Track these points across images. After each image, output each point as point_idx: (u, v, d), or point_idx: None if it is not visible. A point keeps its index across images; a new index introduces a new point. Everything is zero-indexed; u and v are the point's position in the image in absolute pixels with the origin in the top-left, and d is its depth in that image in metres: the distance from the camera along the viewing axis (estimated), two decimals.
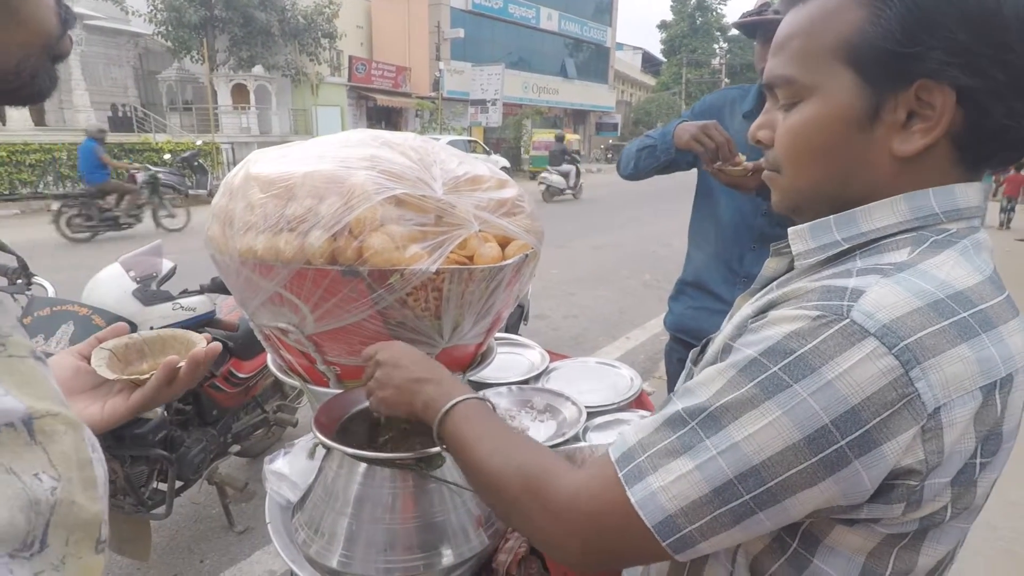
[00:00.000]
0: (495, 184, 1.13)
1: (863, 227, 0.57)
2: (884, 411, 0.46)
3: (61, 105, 17.49)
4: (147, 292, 1.95)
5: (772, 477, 0.48)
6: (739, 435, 0.49)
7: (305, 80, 19.99)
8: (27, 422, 0.30)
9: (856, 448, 0.47)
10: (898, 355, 0.46)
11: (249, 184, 0.98)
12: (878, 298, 0.49)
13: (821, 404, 0.47)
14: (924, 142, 0.53)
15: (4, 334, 0.33)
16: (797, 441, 0.47)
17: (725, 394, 0.51)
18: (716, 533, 0.50)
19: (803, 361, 0.48)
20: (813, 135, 0.58)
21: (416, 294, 0.97)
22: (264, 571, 2.24)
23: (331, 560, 0.87)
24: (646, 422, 0.56)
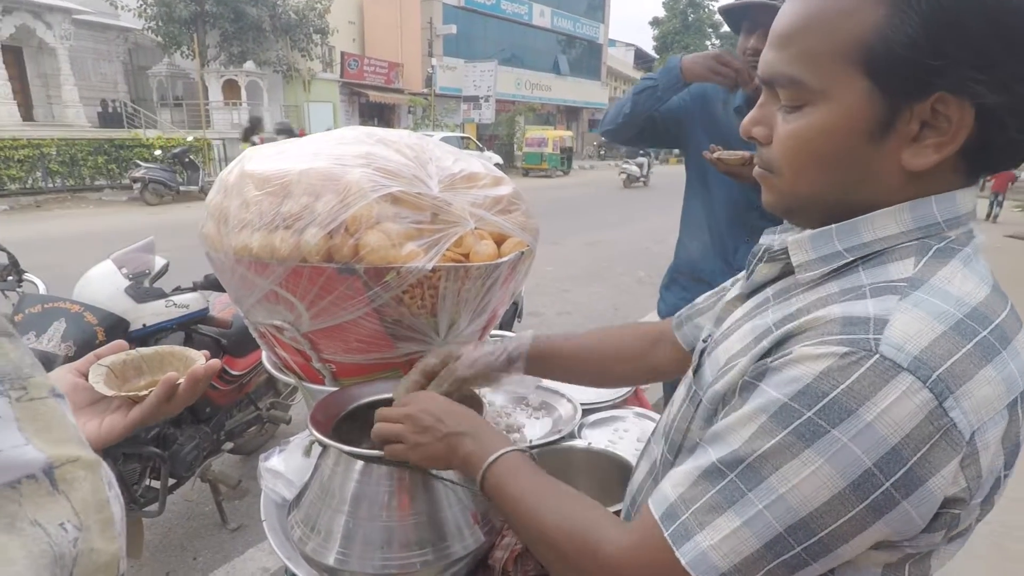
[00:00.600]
0: (491, 181, 1.14)
1: (865, 237, 0.55)
2: (923, 446, 0.45)
3: (50, 100, 17.29)
4: (139, 289, 1.93)
5: (822, 528, 0.47)
6: (783, 487, 0.47)
7: (297, 76, 19.86)
8: (48, 472, 0.31)
9: (902, 488, 0.45)
10: (932, 387, 0.45)
11: (244, 181, 0.98)
12: (903, 327, 0.47)
13: (862, 448, 0.45)
14: (937, 157, 0.51)
15: (25, 375, 0.32)
16: (843, 489, 0.46)
17: (761, 443, 0.49)
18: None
19: (838, 404, 0.46)
20: (819, 143, 0.54)
21: (412, 292, 0.97)
22: (257, 568, 2.23)
23: (328, 558, 0.87)
24: (682, 474, 0.54)
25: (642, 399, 1.46)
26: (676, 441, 0.64)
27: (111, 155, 13.37)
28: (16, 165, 11.99)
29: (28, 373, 0.33)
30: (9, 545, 0.28)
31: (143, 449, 1.97)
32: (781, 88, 0.56)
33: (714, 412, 0.59)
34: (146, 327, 1.93)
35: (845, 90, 0.51)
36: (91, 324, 1.78)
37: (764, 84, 0.59)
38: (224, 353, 2.34)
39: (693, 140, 1.75)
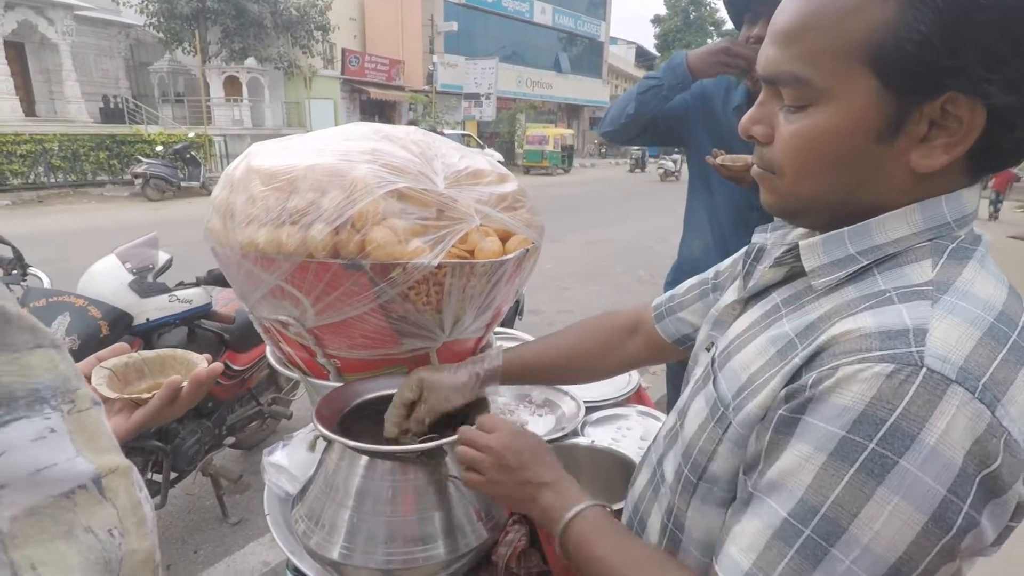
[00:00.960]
0: (496, 178, 1.14)
1: (878, 240, 0.53)
2: (988, 461, 0.43)
3: (52, 96, 17.28)
4: (143, 284, 1.94)
5: (913, 569, 0.44)
6: (866, 536, 0.44)
7: (298, 73, 19.84)
8: (97, 481, 0.32)
9: (979, 506, 0.43)
10: (981, 398, 0.43)
11: (250, 177, 0.98)
12: (944, 335, 0.45)
13: (932, 475, 0.43)
14: (947, 158, 0.49)
15: (72, 388, 0.33)
16: (925, 524, 0.43)
17: (829, 487, 0.45)
18: None
19: (899, 430, 0.43)
20: (825, 144, 0.52)
21: (418, 288, 0.97)
22: (258, 562, 2.24)
23: (332, 552, 0.87)
24: (751, 535, 0.49)
25: (644, 398, 1.46)
26: (700, 463, 0.61)
27: (113, 151, 13.37)
28: (18, 160, 12.00)
29: (75, 385, 0.34)
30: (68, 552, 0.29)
31: (145, 443, 1.98)
32: (784, 87, 0.54)
33: (746, 436, 0.56)
34: (149, 322, 1.93)
35: (852, 89, 0.50)
36: (95, 318, 1.78)
37: (765, 82, 0.57)
38: (226, 348, 2.35)
39: (695, 139, 1.74)
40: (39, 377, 0.32)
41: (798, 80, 0.52)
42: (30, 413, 0.30)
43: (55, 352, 0.33)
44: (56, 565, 0.29)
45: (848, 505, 0.44)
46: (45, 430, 0.31)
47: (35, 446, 0.30)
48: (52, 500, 0.30)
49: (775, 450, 0.50)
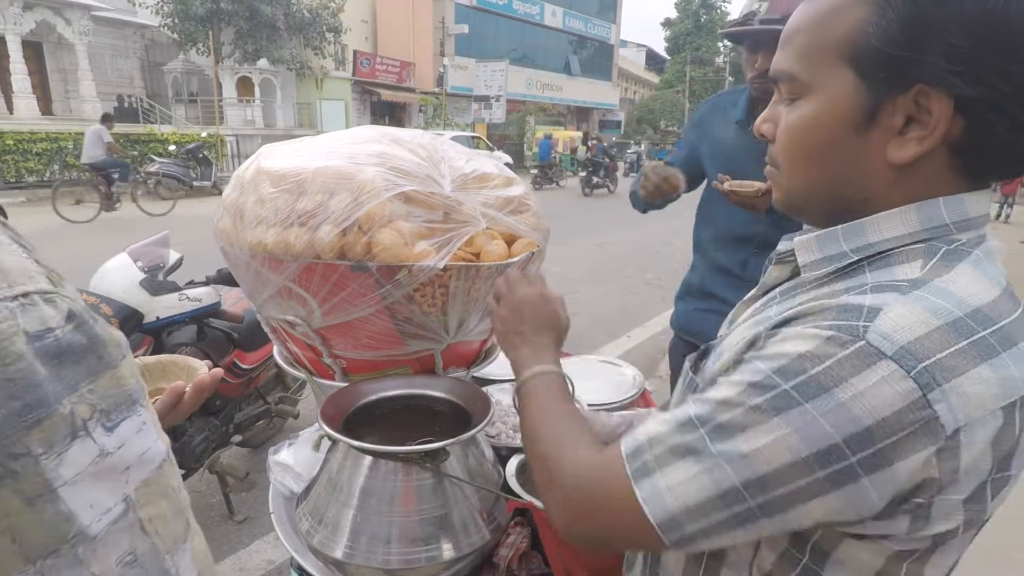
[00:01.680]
0: (502, 182, 1.14)
1: (871, 238, 0.55)
2: (900, 432, 0.46)
3: (68, 95, 17.48)
4: (154, 282, 1.96)
5: (778, 487, 0.49)
6: (747, 447, 0.49)
7: (310, 74, 19.95)
8: (168, 455, 0.42)
9: (867, 466, 0.46)
10: (916, 378, 0.45)
11: (260, 178, 1.00)
12: (896, 318, 0.47)
13: (832, 423, 0.46)
14: (918, 150, 0.52)
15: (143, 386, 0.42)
16: (806, 456, 0.47)
17: (736, 407, 0.51)
18: (718, 534, 0.52)
19: (815, 381, 0.47)
20: (809, 133, 0.57)
21: (423, 290, 0.98)
22: (263, 560, 2.25)
23: (335, 551, 0.88)
24: (658, 422, 0.56)
25: (649, 400, 1.46)
26: None
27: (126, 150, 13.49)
28: (34, 158, 12.14)
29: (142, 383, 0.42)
30: (165, 507, 0.41)
31: None
32: (780, 83, 0.59)
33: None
34: (159, 320, 1.96)
35: (833, 82, 0.54)
36: (106, 316, 1.81)
37: (772, 83, 0.62)
38: (235, 347, 2.37)
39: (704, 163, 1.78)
40: (129, 383, 0.40)
41: (789, 75, 0.57)
42: (130, 413, 0.39)
43: (130, 358, 0.41)
44: (161, 517, 0.40)
45: (742, 422, 0.50)
46: (141, 424, 0.40)
47: (137, 436, 0.39)
48: (154, 472, 0.40)
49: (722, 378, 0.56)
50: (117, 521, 0.37)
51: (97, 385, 0.37)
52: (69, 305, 0.37)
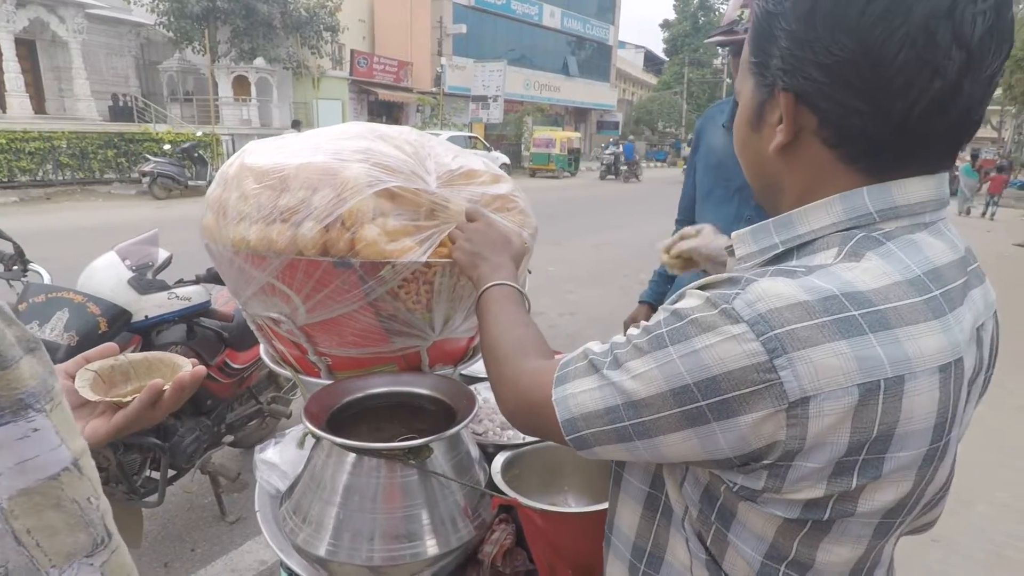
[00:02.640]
0: (489, 179, 1.14)
1: (799, 229, 0.59)
2: (743, 388, 0.50)
3: (61, 94, 17.43)
4: (143, 281, 1.95)
5: (645, 414, 0.56)
6: (626, 376, 0.58)
7: (307, 73, 19.94)
8: (75, 463, 0.40)
9: (714, 412, 0.52)
10: (765, 343, 0.49)
11: (244, 174, 0.99)
12: (763, 289, 0.51)
13: (685, 367, 0.53)
14: (780, 140, 0.59)
15: (50, 387, 0.39)
16: (664, 391, 0.54)
17: (627, 343, 0.59)
18: (603, 443, 0.61)
19: (680, 331, 0.54)
20: (736, 135, 0.68)
21: (408, 287, 0.98)
22: (255, 561, 2.25)
23: (318, 548, 0.87)
24: (575, 354, 0.66)
25: None
26: None
27: (121, 149, 13.48)
28: (27, 157, 12.10)
29: (51, 383, 0.40)
30: (55, 519, 0.38)
31: (143, 439, 1.99)
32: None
33: None
34: (148, 319, 1.95)
35: (744, 89, 0.64)
36: (94, 315, 1.79)
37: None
38: (226, 346, 2.36)
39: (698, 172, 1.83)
40: (23, 385, 0.37)
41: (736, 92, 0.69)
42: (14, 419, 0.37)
43: (32, 358, 0.39)
44: (46, 529, 0.37)
45: (630, 355, 0.58)
46: (28, 430, 0.37)
47: (19, 444, 0.37)
48: (42, 482, 0.38)
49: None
50: None
51: None
52: None
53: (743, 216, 1.56)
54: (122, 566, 0.42)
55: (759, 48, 0.60)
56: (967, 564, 2.26)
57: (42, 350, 0.40)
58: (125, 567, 0.42)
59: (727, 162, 1.62)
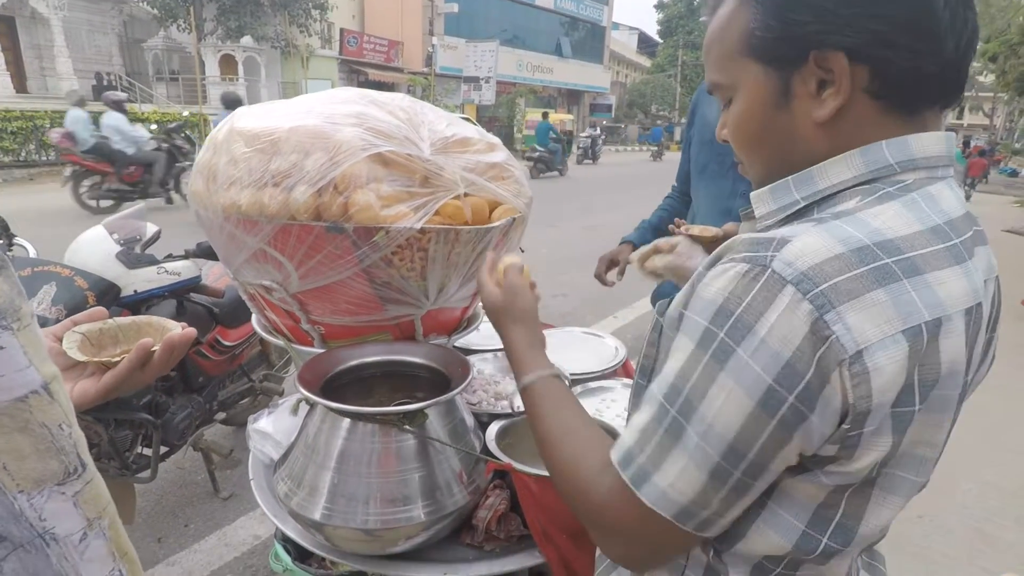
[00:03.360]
0: (484, 147, 1.13)
1: (820, 184, 0.58)
2: (812, 357, 0.48)
3: (43, 72, 17.04)
4: (131, 255, 1.92)
5: (748, 449, 0.50)
6: (710, 414, 0.51)
7: (295, 52, 19.58)
8: (45, 387, 0.38)
9: (804, 401, 0.48)
10: (812, 300, 0.48)
11: (233, 138, 0.97)
12: (801, 246, 0.50)
13: (760, 364, 0.48)
14: (836, 103, 0.56)
15: (17, 307, 0.38)
16: (753, 409, 0.49)
17: (690, 372, 0.52)
18: (730, 508, 0.54)
19: (741, 322, 0.49)
20: (746, 124, 0.63)
21: (402, 253, 0.97)
22: (249, 535, 2.25)
23: (313, 513, 0.87)
24: (638, 421, 0.58)
25: (631, 371, 1.47)
26: (647, 366, 0.67)
27: None
28: (9, 137, 11.84)
29: (19, 303, 0.38)
30: (23, 443, 0.37)
31: (135, 416, 1.97)
32: (714, 92, 0.67)
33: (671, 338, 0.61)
34: (137, 293, 1.92)
35: (747, 77, 0.61)
36: (81, 289, 1.77)
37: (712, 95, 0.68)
38: (217, 323, 2.34)
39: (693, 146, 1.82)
40: None
41: (716, 85, 0.65)
42: None
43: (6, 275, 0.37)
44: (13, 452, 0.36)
45: (700, 387, 0.51)
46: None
47: None
48: (9, 403, 0.36)
49: (670, 344, 0.58)
50: None
51: None
52: None
53: (738, 191, 1.56)
54: (97, 497, 0.40)
55: (780, 19, 0.56)
56: (949, 539, 2.30)
57: (10, 269, 0.38)
58: (101, 499, 0.41)
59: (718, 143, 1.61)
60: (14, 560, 0.36)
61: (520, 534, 0.94)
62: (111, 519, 0.41)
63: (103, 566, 0.40)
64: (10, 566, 0.36)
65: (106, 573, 0.40)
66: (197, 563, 2.11)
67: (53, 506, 0.37)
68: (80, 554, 0.38)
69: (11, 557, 0.35)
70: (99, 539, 0.39)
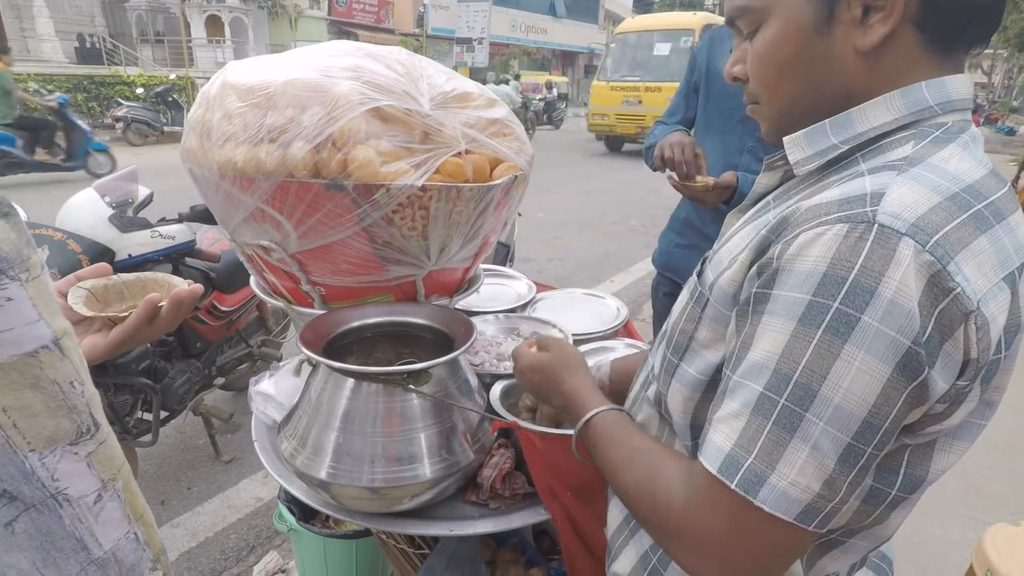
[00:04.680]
0: (484, 103, 1.10)
1: (859, 127, 0.56)
2: (935, 308, 0.45)
3: (24, 34, 16.51)
4: (124, 218, 1.89)
5: (884, 419, 0.46)
6: (837, 395, 0.46)
7: (283, 13, 19.03)
8: (56, 342, 0.36)
9: (932, 356, 0.45)
10: (932, 251, 0.45)
11: (226, 92, 0.94)
12: (899, 197, 0.47)
13: (894, 327, 0.44)
14: (884, 30, 0.53)
15: (26, 257, 0.36)
16: (891, 375, 0.45)
17: (800, 354, 0.47)
18: (855, 491, 0.49)
19: (859, 286, 0.45)
20: (778, 51, 0.58)
21: (403, 212, 0.95)
22: (251, 498, 2.28)
23: (319, 471, 0.88)
24: (730, 419, 0.51)
25: (632, 331, 1.47)
26: (682, 343, 0.63)
27: (91, 93, 12.89)
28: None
29: (27, 254, 0.36)
30: (34, 400, 0.35)
31: (134, 380, 1.97)
32: (739, 20, 0.62)
33: (723, 314, 0.58)
34: (131, 257, 1.90)
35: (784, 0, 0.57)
36: (75, 252, 1.74)
37: (730, 26, 0.64)
38: (213, 288, 2.32)
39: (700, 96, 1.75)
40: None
41: (744, 10, 0.60)
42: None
43: (8, 223, 0.35)
44: (23, 410, 0.34)
45: (818, 367, 0.46)
46: (3, 299, 0.34)
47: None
48: (18, 358, 0.34)
49: (752, 329, 0.51)
50: None
51: None
52: None
53: (745, 147, 1.53)
54: (111, 458, 0.39)
55: None
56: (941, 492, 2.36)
57: (17, 217, 0.36)
58: (115, 460, 0.40)
59: (733, 90, 1.54)
60: (26, 520, 0.34)
61: (525, 492, 0.95)
62: (125, 480, 0.40)
63: (118, 528, 0.39)
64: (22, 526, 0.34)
65: (121, 535, 0.39)
66: (201, 524, 2.14)
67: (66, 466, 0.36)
68: (95, 516, 0.37)
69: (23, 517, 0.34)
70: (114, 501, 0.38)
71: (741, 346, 0.52)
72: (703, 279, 0.63)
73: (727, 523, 0.50)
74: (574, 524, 0.91)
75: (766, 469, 0.48)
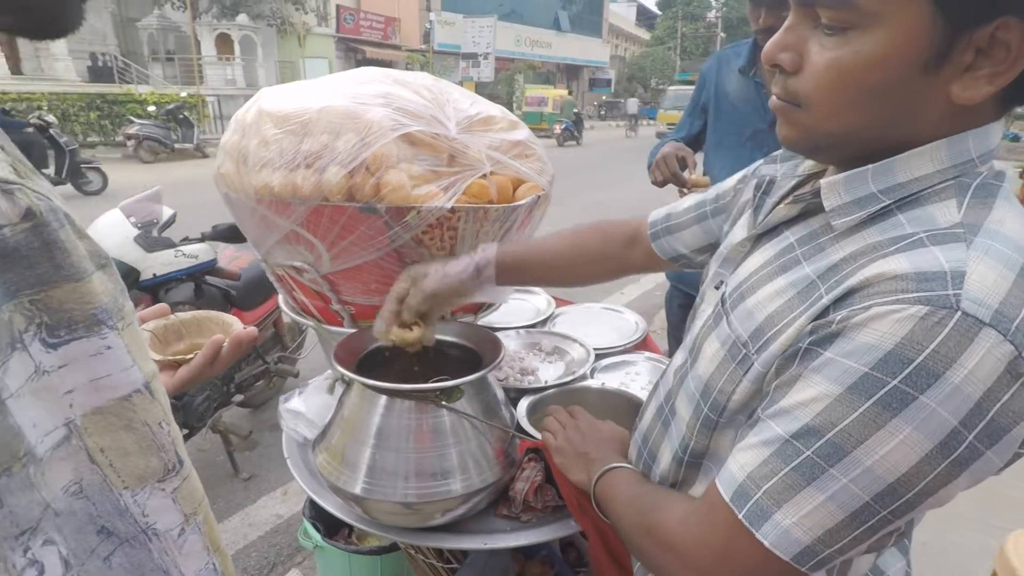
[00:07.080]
0: (507, 125, 1.13)
1: (901, 178, 0.52)
2: (1003, 395, 0.44)
3: (37, 53, 16.81)
4: (149, 238, 1.93)
5: (908, 490, 0.47)
6: (869, 459, 0.46)
7: (292, 30, 19.32)
8: (147, 385, 0.39)
9: (986, 439, 0.45)
10: (1012, 339, 0.44)
11: (262, 120, 0.97)
12: (980, 278, 0.45)
13: (949, 409, 0.44)
14: (990, 89, 0.47)
15: (121, 304, 0.38)
16: (930, 451, 0.45)
17: (841, 417, 0.47)
18: (855, 547, 0.50)
19: (925, 369, 0.44)
20: (868, 74, 0.49)
21: (432, 232, 0.98)
22: (271, 515, 2.29)
23: (355, 487, 0.90)
24: (748, 453, 0.53)
25: (652, 345, 1.48)
26: (721, 402, 0.61)
27: (104, 111, 13.10)
28: None
29: (122, 302, 0.39)
30: (127, 440, 0.37)
31: None
32: (825, 7, 0.49)
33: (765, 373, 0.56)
34: (156, 277, 1.94)
35: (904, 14, 0.46)
36: None
37: (800, 4, 0.52)
38: (232, 306, 2.36)
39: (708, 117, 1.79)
40: (97, 301, 0.36)
41: (843, 1, 0.48)
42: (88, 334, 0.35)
43: (103, 274, 0.38)
44: (118, 450, 0.37)
45: (856, 433, 0.47)
46: (102, 347, 0.36)
47: (93, 360, 0.36)
48: (115, 402, 0.37)
49: (791, 379, 0.51)
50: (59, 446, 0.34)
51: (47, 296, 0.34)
52: (31, 202, 0.33)
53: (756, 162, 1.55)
54: (193, 492, 0.41)
55: None
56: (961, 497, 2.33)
57: (113, 268, 0.39)
58: (196, 494, 0.42)
59: (742, 108, 1.58)
60: (120, 555, 0.36)
61: (556, 504, 0.97)
62: (205, 514, 0.42)
63: (199, 560, 0.40)
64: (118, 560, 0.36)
65: (201, 566, 0.40)
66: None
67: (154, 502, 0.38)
68: (179, 548, 0.39)
69: (118, 552, 0.36)
70: (195, 533, 0.40)
71: (777, 389, 0.53)
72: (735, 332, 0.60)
73: (724, 543, 0.53)
74: (603, 537, 0.92)
75: (772, 506, 0.50)
